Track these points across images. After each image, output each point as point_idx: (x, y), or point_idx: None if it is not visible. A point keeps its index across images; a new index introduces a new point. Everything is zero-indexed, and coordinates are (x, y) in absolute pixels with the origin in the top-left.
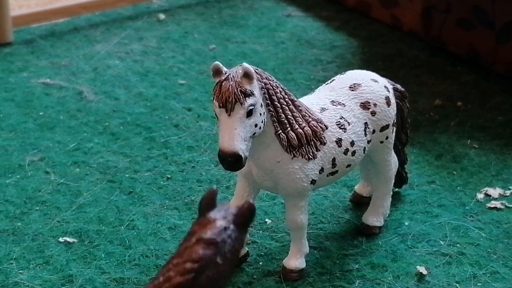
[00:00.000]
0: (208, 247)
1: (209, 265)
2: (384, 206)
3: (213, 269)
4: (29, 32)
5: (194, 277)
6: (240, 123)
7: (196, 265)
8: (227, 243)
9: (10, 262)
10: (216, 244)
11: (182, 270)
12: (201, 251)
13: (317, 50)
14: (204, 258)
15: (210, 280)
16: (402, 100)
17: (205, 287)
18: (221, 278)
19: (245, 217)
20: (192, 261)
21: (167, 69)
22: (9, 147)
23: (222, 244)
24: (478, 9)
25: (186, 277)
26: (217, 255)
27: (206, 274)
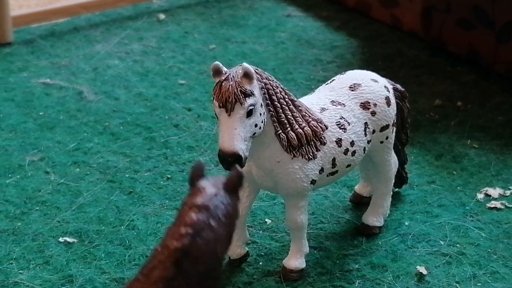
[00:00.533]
0: (201, 211)
1: (204, 228)
2: (384, 206)
3: (208, 232)
4: (29, 32)
5: (190, 241)
6: (240, 123)
7: (191, 229)
8: (219, 208)
9: (10, 262)
10: (209, 209)
11: (177, 235)
12: (194, 215)
13: (317, 50)
14: (198, 222)
15: (206, 243)
16: (402, 100)
17: (203, 250)
18: (218, 241)
19: (235, 183)
20: (186, 226)
21: (167, 69)
22: (9, 147)
23: (215, 208)
24: (478, 9)
25: (182, 241)
26: (210, 218)
27: (202, 237)
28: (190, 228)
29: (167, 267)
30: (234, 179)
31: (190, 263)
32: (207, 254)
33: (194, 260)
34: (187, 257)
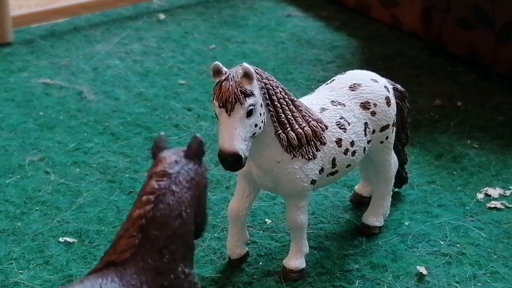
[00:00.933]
0: (161, 178)
1: (165, 194)
2: (384, 206)
3: (170, 197)
4: (29, 32)
5: (152, 207)
6: (240, 123)
7: (152, 196)
8: (181, 173)
9: (10, 262)
10: (169, 175)
11: (139, 203)
12: (154, 183)
13: (317, 50)
14: (158, 188)
15: (169, 206)
16: (402, 100)
17: (166, 214)
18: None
19: (195, 149)
20: (148, 193)
21: (167, 69)
22: (9, 147)
23: (176, 175)
24: (478, 9)
25: (144, 208)
26: (171, 184)
27: (163, 202)
28: (151, 195)
29: (133, 235)
30: (194, 146)
31: (154, 228)
32: (171, 217)
33: (158, 225)
34: (151, 222)
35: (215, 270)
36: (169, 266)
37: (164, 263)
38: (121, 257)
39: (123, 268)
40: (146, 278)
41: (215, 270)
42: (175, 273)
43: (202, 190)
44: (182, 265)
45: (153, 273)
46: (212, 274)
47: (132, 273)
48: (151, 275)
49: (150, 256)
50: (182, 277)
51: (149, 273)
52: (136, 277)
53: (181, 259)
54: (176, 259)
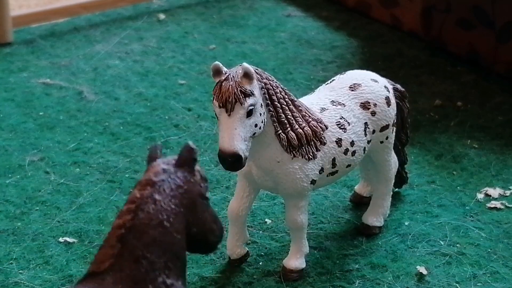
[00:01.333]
0: (144, 188)
1: (146, 202)
2: (384, 206)
3: (152, 205)
4: (29, 32)
5: (132, 216)
6: (240, 123)
7: (133, 205)
8: (166, 181)
9: (10, 262)
10: (153, 184)
11: (120, 213)
12: (137, 192)
13: (317, 50)
14: (140, 197)
15: (149, 215)
16: (402, 100)
17: (146, 223)
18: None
19: (185, 157)
20: (129, 203)
21: (167, 69)
22: (9, 147)
23: (160, 183)
24: (478, 9)
25: (124, 218)
26: (154, 192)
27: (144, 211)
28: (132, 204)
29: (112, 245)
30: (185, 154)
31: (133, 236)
32: (150, 226)
33: (137, 233)
34: (130, 231)
35: (215, 270)
36: (147, 276)
37: (141, 272)
38: (100, 268)
39: (101, 278)
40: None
41: (215, 270)
42: (154, 284)
43: (196, 198)
44: (164, 275)
45: (130, 282)
46: (212, 274)
47: (110, 283)
48: (129, 284)
49: (128, 265)
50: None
51: (127, 282)
52: (113, 287)
53: (163, 269)
54: (156, 269)
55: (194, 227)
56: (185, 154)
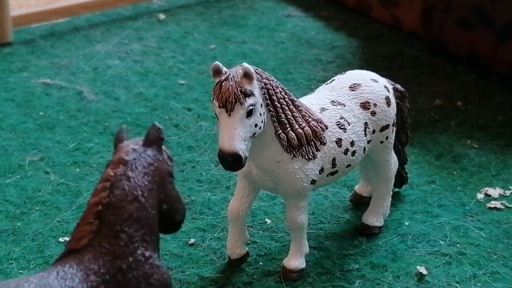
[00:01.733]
0: (117, 166)
1: (120, 180)
2: (384, 206)
3: (126, 182)
4: (29, 32)
5: (108, 193)
6: (240, 123)
7: (107, 183)
8: (138, 160)
9: (10, 262)
10: (125, 162)
11: (96, 191)
12: (110, 170)
13: (317, 50)
14: (114, 175)
15: (125, 192)
16: (402, 100)
17: (122, 199)
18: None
19: (153, 136)
20: (103, 181)
21: (167, 69)
22: (9, 147)
23: (132, 161)
24: (478, 9)
25: (100, 195)
26: (127, 170)
27: (119, 188)
28: (106, 182)
29: (90, 221)
30: (152, 133)
31: (111, 213)
32: (127, 202)
33: (114, 209)
34: (107, 207)
35: (215, 270)
36: (127, 249)
37: (121, 246)
38: (79, 244)
39: (81, 254)
40: (104, 262)
41: (215, 270)
42: (133, 256)
43: (165, 176)
44: (142, 248)
45: (111, 257)
46: (212, 274)
47: (90, 259)
48: (109, 259)
49: (107, 240)
50: (142, 260)
51: (107, 257)
52: (94, 262)
53: (141, 242)
54: (134, 242)
55: (164, 204)
56: (153, 134)
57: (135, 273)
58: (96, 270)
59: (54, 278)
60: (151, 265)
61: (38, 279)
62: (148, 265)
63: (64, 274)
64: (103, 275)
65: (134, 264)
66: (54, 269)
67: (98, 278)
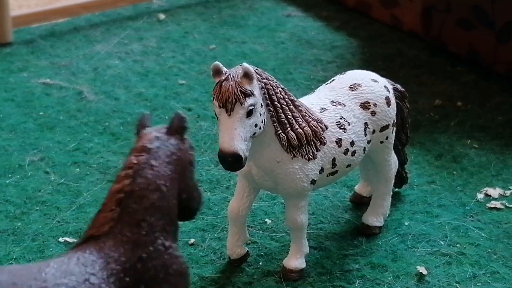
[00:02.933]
0: (140, 154)
1: (143, 168)
2: (384, 206)
3: (149, 171)
4: (29, 32)
5: (131, 181)
6: (240, 123)
7: (130, 170)
8: (161, 148)
9: (10, 262)
10: (149, 150)
11: (118, 178)
12: (133, 158)
13: (317, 50)
14: (137, 163)
15: (147, 180)
16: (402, 100)
17: (144, 187)
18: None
19: (176, 125)
20: (126, 168)
21: (167, 69)
22: (9, 147)
23: (155, 149)
24: (478, 9)
25: (123, 183)
26: (150, 158)
27: (142, 175)
28: (129, 169)
29: (111, 208)
30: (176, 122)
31: (133, 201)
32: (150, 190)
33: (136, 198)
34: (129, 196)
35: (215, 270)
36: (148, 238)
37: (142, 235)
38: (100, 231)
39: (102, 241)
40: (125, 250)
41: (215, 270)
42: (153, 246)
43: (187, 166)
44: (162, 237)
45: (131, 245)
46: (212, 274)
47: (111, 246)
48: (130, 247)
49: (129, 229)
50: (162, 250)
51: (128, 245)
52: (114, 250)
53: (161, 231)
54: (155, 232)
55: (184, 193)
56: (176, 123)
57: (154, 263)
58: (116, 258)
59: (75, 264)
60: (170, 255)
61: (58, 265)
62: (168, 255)
63: (85, 260)
64: (123, 263)
65: (154, 254)
66: (74, 254)
67: (118, 266)
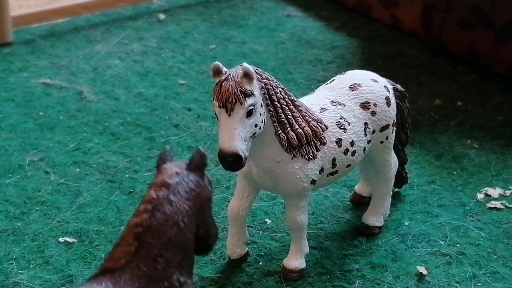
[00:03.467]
0: (160, 188)
1: (162, 203)
2: (384, 206)
3: (168, 206)
4: (29, 32)
5: (149, 216)
6: (240, 123)
7: (150, 205)
8: (180, 184)
9: (10, 262)
10: (168, 185)
11: (137, 212)
12: (153, 192)
13: (317, 50)
14: (156, 198)
15: (166, 216)
16: (402, 100)
17: (162, 223)
18: (179, 214)
19: (197, 161)
20: (145, 203)
21: (167, 69)
22: (9, 147)
23: (175, 185)
24: (478, 9)
25: (141, 217)
26: (170, 194)
27: (160, 211)
28: (148, 204)
29: (129, 242)
30: (197, 158)
31: (151, 236)
32: (168, 226)
33: (154, 233)
34: (147, 230)
35: (215, 270)
36: (163, 274)
37: (159, 270)
38: (117, 264)
39: (118, 274)
40: (140, 284)
41: (215, 270)
42: (169, 281)
43: (205, 202)
44: (178, 273)
45: (147, 280)
46: (212, 274)
47: (126, 280)
48: (145, 282)
49: (145, 263)
50: (176, 285)
51: (143, 280)
52: (130, 284)
53: (177, 267)
54: (171, 267)
55: (201, 229)
56: (197, 159)
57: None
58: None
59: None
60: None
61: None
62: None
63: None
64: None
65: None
66: (90, 286)
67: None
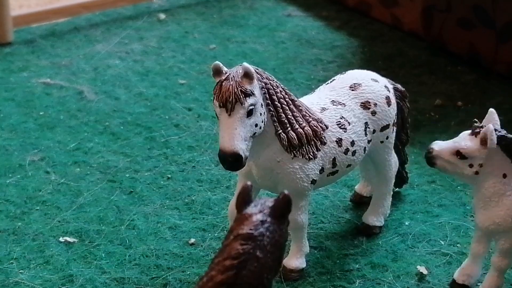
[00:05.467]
0: (246, 242)
1: (249, 260)
2: (385, 206)
3: (254, 263)
4: (30, 32)
5: (235, 273)
6: (241, 123)
7: (236, 261)
8: (266, 236)
9: (11, 262)
10: (254, 238)
11: (222, 268)
12: (239, 247)
13: (318, 50)
14: (243, 253)
15: (252, 274)
16: (403, 100)
17: (249, 282)
18: (264, 270)
19: (282, 209)
20: (231, 258)
21: (167, 69)
22: (9, 147)
23: (261, 238)
24: (479, 8)
25: (227, 274)
26: (256, 249)
27: (247, 268)
28: (235, 260)
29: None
30: (281, 204)
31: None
32: (253, 284)
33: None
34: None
35: None
36: None
37: None
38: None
39: None
40: None
41: None
42: None
43: (282, 247)
44: None
45: None
46: None
47: None
48: None
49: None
50: None
51: None
52: None
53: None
54: None
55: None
56: (282, 205)
57: None
58: None
59: None
60: None
61: None
62: None
63: None
64: None
65: None
66: None
67: None
